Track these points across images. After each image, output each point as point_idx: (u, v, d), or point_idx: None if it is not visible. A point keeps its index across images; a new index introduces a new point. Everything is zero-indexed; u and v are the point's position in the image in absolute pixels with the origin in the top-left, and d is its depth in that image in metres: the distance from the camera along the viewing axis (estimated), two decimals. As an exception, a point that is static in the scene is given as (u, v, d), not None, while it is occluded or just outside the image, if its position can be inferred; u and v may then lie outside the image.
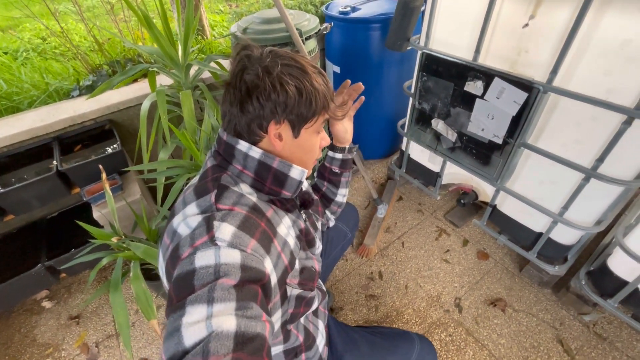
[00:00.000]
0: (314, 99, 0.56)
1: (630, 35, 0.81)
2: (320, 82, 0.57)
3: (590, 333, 1.22)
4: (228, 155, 0.60)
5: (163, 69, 1.34)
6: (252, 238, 0.50)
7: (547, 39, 0.96)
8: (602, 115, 0.92)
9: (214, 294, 0.41)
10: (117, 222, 1.13)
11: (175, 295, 0.43)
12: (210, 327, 0.39)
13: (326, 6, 1.75)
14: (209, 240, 0.47)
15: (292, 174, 0.61)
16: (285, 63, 0.56)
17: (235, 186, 0.57)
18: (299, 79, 0.55)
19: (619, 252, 1.09)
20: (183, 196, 0.58)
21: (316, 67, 0.59)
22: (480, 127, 1.23)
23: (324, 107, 0.59)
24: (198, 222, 0.50)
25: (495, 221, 1.44)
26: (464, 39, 1.17)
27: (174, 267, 0.47)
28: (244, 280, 0.45)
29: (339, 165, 0.91)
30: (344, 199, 0.96)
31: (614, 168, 0.97)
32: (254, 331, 0.41)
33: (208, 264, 0.44)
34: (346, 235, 1.11)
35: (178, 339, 0.38)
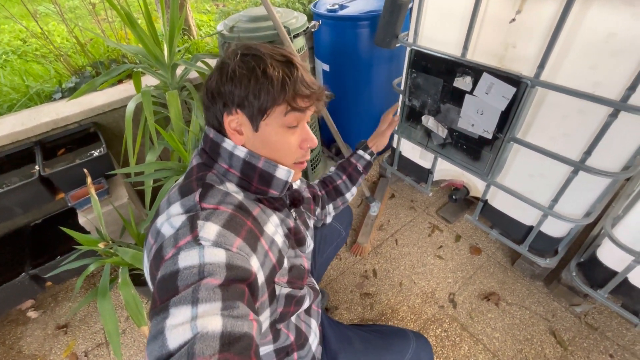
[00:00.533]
0: (264, 88, 0.52)
1: (614, 29, 0.82)
2: (278, 70, 0.53)
3: (582, 324, 1.23)
4: (214, 154, 0.59)
5: (148, 69, 1.30)
6: (237, 237, 0.49)
7: (534, 34, 0.96)
8: (589, 109, 0.94)
9: (199, 295, 0.40)
10: (103, 228, 1.10)
11: (159, 297, 0.42)
12: (195, 328, 0.38)
13: (314, 4, 1.74)
14: (192, 240, 0.46)
15: (277, 174, 0.59)
16: (243, 53, 0.55)
17: (221, 185, 0.56)
18: (249, 68, 0.53)
19: (608, 243, 1.10)
20: (168, 195, 0.56)
21: (284, 56, 0.56)
22: (470, 123, 1.23)
23: (283, 97, 0.53)
24: (182, 222, 0.49)
25: (487, 216, 1.45)
26: (452, 35, 1.17)
27: (157, 268, 0.46)
28: (230, 279, 0.44)
29: (363, 166, 0.97)
30: (351, 197, 1.00)
31: (601, 160, 0.98)
32: (241, 331, 0.40)
33: (192, 264, 0.43)
34: (340, 234, 1.10)
35: (162, 341, 0.37)
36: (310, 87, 0.56)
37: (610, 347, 1.16)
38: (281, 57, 0.55)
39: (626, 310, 1.13)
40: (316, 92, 0.57)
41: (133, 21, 1.06)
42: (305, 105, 0.56)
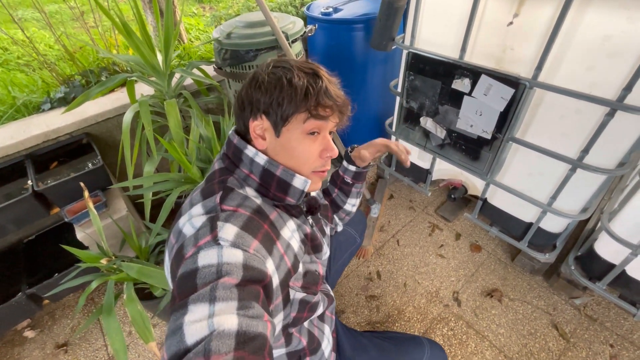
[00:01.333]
0: (288, 96, 0.55)
1: (610, 31, 0.84)
2: (303, 80, 0.55)
3: (582, 316, 1.27)
4: (236, 159, 0.61)
5: (143, 77, 1.27)
6: (254, 239, 0.51)
7: (532, 36, 0.98)
8: (586, 108, 0.96)
9: (216, 293, 0.42)
10: (105, 242, 1.07)
11: (178, 294, 0.44)
12: (212, 325, 0.39)
13: (307, 7, 1.74)
14: (212, 240, 0.47)
15: (294, 183, 0.60)
16: (275, 65, 0.58)
17: (241, 189, 0.58)
18: (277, 76, 0.56)
19: (605, 236, 1.14)
20: (190, 197, 0.59)
21: (312, 68, 0.58)
22: (469, 124, 1.25)
23: (305, 105, 0.56)
24: (202, 222, 0.51)
25: (486, 214, 1.48)
26: (449, 37, 1.18)
27: (178, 266, 0.48)
28: (246, 279, 0.45)
29: (351, 177, 0.89)
30: (353, 208, 0.95)
31: (598, 158, 1.01)
32: (256, 330, 0.41)
33: (210, 263, 0.45)
34: (355, 240, 1.11)
35: (180, 337, 0.38)
36: (333, 98, 0.58)
37: (610, 337, 1.20)
38: (309, 69, 0.58)
39: (624, 301, 1.17)
40: (338, 104, 0.59)
41: (129, 30, 1.04)
42: (325, 114, 0.58)
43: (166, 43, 1.16)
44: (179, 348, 0.38)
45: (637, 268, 1.08)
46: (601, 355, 1.16)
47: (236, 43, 1.25)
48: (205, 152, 1.11)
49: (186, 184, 1.05)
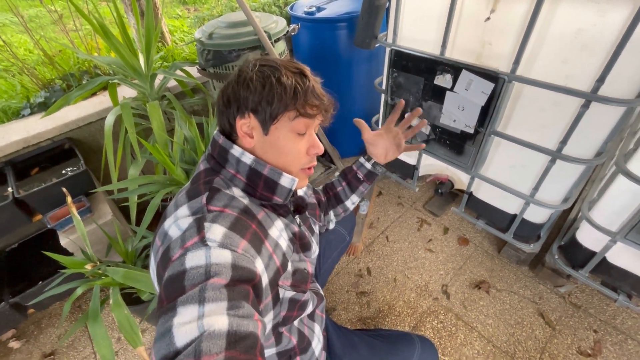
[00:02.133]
0: (278, 94, 0.55)
1: (582, 25, 0.87)
2: (292, 79, 0.56)
3: (567, 303, 1.30)
4: (222, 159, 0.60)
5: (125, 80, 1.26)
6: (242, 239, 0.51)
7: (508, 32, 1.00)
8: (563, 100, 0.99)
9: (205, 294, 0.41)
10: (89, 248, 1.05)
11: (166, 296, 0.43)
12: (201, 327, 0.39)
13: (290, 7, 1.74)
14: (199, 241, 0.47)
15: (282, 182, 0.61)
16: (261, 64, 0.58)
17: (227, 189, 0.58)
18: (264, 74, 0.56)
19: (586, 225, 1.17)
20: (175, 199, 0.58)
21: (298, 68, 0.59)
22: (452, 119, 1.27)
23: (294, 104, 0.57)
24: (189, 224, 0.50)
25: (472, 207, 1.50)
26: (430, 34, 1.20)
27: (164, 268, 0.47)
28: (235, 279, 0.45)
29: (364, 174, 0.91)
30: (352, 205, 0.97)
31: (576, 148, 1.04)
32: (246, 330, 0.41)
33: (199, 264, 0.44)
34: (345, 239, 1.11)
35: (169, 339, 0.38)
36: (319, 97, 0.59)
37: (593, 322, 1.24)
38: (295, 69, 0.58)
39: (606, 287, 1.20)
40: (325, 103, 0.60)
41: (108, 32, 1.02)
42: (313, 113, 0.59)
43: (147, 44, 1.15)
44: (169, 351, 0.38)
45: (617, 255, 1.12)
46: (585, 340, 1.19)
47: (218, 43, 1.24)
48: (189, 154, 1.10)
49: (171, 185, 1.05)
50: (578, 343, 1.18)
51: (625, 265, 1.11)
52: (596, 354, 1.15)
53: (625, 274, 1.12)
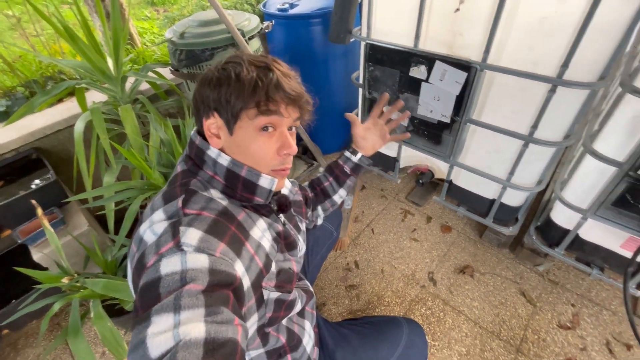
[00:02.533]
0: (235, 91, 0.53)
1: (545, 13, 0.91)
2: (252, 74, 0.53)
3: (545, 281, 1.36)
4: (199, 160, 0.59)
5: (93, 84, 1.21)
6: (220, 242, 0.49)
7: (477, 22, 1.03)
8: (532, 86, 1.03)
9: (181, 301, 0.40)
10: (64, 260, 1.01)
11: (141, 305, 0.42)
12: (177, 336, 0.37)
13: (263, 4, 1.72)
14: (174, 246, 0.46)
15: (261, 183, 0.59)
16: (225, 61, 0.57)
17: (205, 191, 0.56)
18: (226, 71, 0.54)
19: (559, 205, 1.22)
20: (152, 202, 0.56)
21: (264, 62, 0.56)
22: (429, 109, 1.30)
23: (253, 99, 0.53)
24: (164, 229, 0.48)
25: (453, 195, 1.54)
26: (403, 26, 1.22)
27: (139, 276, 0.46)
28: (213, 284, 0.44)
29: (351, 168, 0.91)
30: (340, 199, 0.96)
31: (546, 132, 1.09)
32: (225, 336, 0.40)
33: (174, 270, 0.43)
34: (332, 234, 1.11)
35: (143, 351, 0.37)
36: (286, 92, 0.55)
37: (571, 297, 1.30)
38: (260, 62, 0.55)
39: (580, 262, 1.27)
40: (292, 98, 0.56)
41: (72, 34, 0.97)
42: (276, 109, 0.55)
43: (115, 45, 1.10)
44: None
45: (588, 231, 1.18)
46: (565, 314, 1.25)
47: (191, 43, 1.21)
48: (166, 157, 1.07)
49: (149, 190, 1.01)
50: (558, 317, 1.24)
51: (597, 240, 1.17)
52: (575, 326, 1.21)
53: (597, 248, 1.18)
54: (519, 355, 1.15)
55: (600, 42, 0.88)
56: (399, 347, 0.86)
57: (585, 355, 1.13)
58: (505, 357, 1.15)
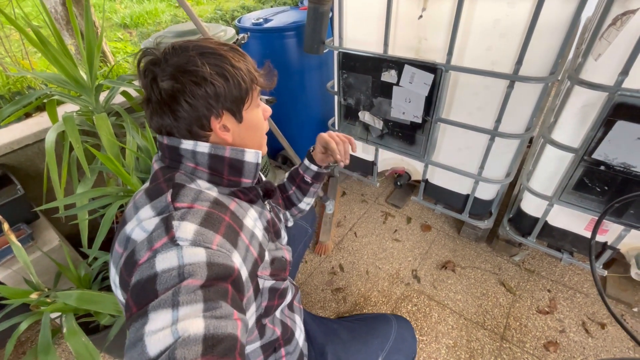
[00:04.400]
0: (240, 78, 0.54)
1: (498, 16, 1.01)
2: (238, 59, 0.55)
3: (522, 270, 1.42)
4: (175, 156, 0.56)
5: (66, 95, 1.18)
6: (216, 234, 0.48)
7: (439, 27, 1.13)
8: (493, 84, 1.12)
9: (179, 298, 0.39)
10: (34, 276, 0.95)
11: (136, 303, 0.40)
12: (176, 333, 0.37)
13: (238, 20, 1.77)
14: (169, 241, 0.44)
15: (247, 159, 0.60)
16: (197, 54, 0.52)
17: (192, 183, 0.55)
18: (218, 65, 0.52)
19: (527, 195, 1.30)
20: (133, 202, 0.53)
21: (228, 45, 0.57)
22: (401, 111, 1.37)
23: (252, 81, 0.57)
24: (155, 224, 0.47)
25: (430, 194, 1.60)
26: (372, 35, 1.30)
27: (130, 274, 0.44)
28: (211, 278, 0.43)
29: (311, 176, 0.89)
30: (307, 207, 0.95)
31: (509, 126, 1.17)
32: (224, 332, 0.39)
33: (171, 266, 0.42)
34: (307, 231, 1.12)
35: (141, 349, 0.36)
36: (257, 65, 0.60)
37: (546, 283, 1.36)
38: (226, 46, 0.56)
39: (551, 248, 1.34)
40: (266, 69, 0.61)
41: (44, 40, 0.96)
42: (267, 81, 0.60)
43: (89, 54, 1.09)
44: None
45: (555, 217, 1.25)
46: (542, 300, 1.30)
47: (167, 52, 1.23)
48: (145, 162, 1.05)
49: (126, 197, 0.99)
50: (536, 303, 1.29)
51: (564, 225, 1.25)
52: (552, 310, 1.26)
53: (565, 233, 1.26)
54: (503, 343, 1.17)
55: (547, 40, 0.98)
56: (389, 341, 0.87)
57: (565, 336, 1.18)
58: (491, 345, 1.17)
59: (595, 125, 0.96)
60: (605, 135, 0.96)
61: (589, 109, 1.00)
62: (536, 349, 1.15)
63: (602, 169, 1.02)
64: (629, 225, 1.05)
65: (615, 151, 0.97)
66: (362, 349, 0.85)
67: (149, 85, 0.52)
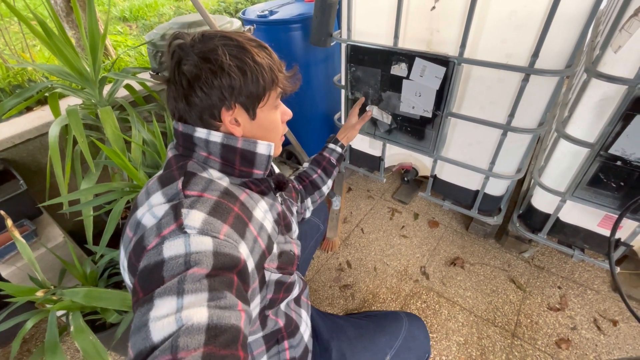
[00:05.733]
0: (260, 75, 0.54)
1: (515, 7, 0.98)
2: (263, 56, 0.55)
3: (532, 266, 1.41)
4: (189, 144, 0.57)
5: (69, 88, 1.15)
6: (224, 223, 0.48)
7: (453, 18, 1.10)
8: (507, 77, 1.09)
9: (185, 286, 0.40)
10: (39, 273, 0.93)
11: (142, 288, 0.42)
12: (180, 320, 0.37)
13: (242, 12, 1.74)
14: (177, 229, 0.45)
15: (259, 150, 0.59)
16: (222, 44, 0.53)
17: (204, 172, 0.55)
18: (239, 58, 0.53)
19: (539, 191, 1.28)
20: (146, 187, 0.54)
21: (256, 41, 0.57)
22: (411, 106, 1.34)
23: (273, 81, 0.57)
24: (165, 211, 0.47)
25: (438, 190, 1.58)
26: (382, 27, 1.27)
27: (138, 259, 0.44)
28: (217, 268, 0.43)
29: (336, 159, 0.99)
30: (327, 190, 1.01)
31: (522, 121, 1.15)
32: (228, 322, 0.40)
33: (178, 253, 0.43)
34: (319, 228, 1.11)
35: (145, 334, 0.37)
36: (285, 69, 0.60)
37: (557, 280, 1.35)
38: (255, 43, 0.56)
39: (562, 245, 1.32)
40: (295, 73, 0.62)
41: (48, 31, 0.93)
42: (290, 85, 0.60)
43: (93, 45, 1.06)
44: (145, 346, 0.36)
45: (567, 213, 1.24)
46: (553, 297, 1.29)
47: (173, 44, 1.20)
48: (151, 156, 1.03)
49: (134, 191, 0.96)
50: (547, 300, 1.28)
51: (576, 222, 1.23)
52: (563, 307, 1.25)
53: (577, 229, 1.24)
54: (515, 340, 1.16)
55: (565, 33, 0.96)
56: (399, 339, 0.85)
57: (576, 333, 1.16)
58: (502, 342, 1.16)
59: (613, 119, 0.94)
60: (623, 130, 0.94)
61: (607, 102, 0.97)
62: (548, 346, 1.14)
63: (619, 164, 1.00)
64: (645, 221, 1.04)
65: (633, 146, 0.95)
66: (368, 346, 0.83)
67: (174, 68, 0.54)
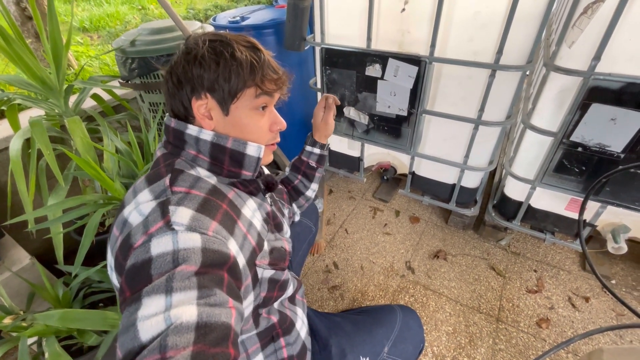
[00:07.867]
0: (234, 70, 0.53)
1: (478, 7, 1.04)
2: (246, 54, 0.54)
3: (509, 253, 1.48)
4: (179, 142, 0.56)
5: (30, 98, 1.08)
6: (212, 220, 0.48)
7: (422, 19, 1.15)
8: (475, 74, 1.15)
9: (173, 284, 0.39)
10: (6, 299, 0.85)
11: (130, 287, 0.40)
12: (168, 319, 0.36)
13: (213, 18, 1.72)
14: (164, 226, 0.44)
15: (248, 152, 0.58)
16: (209, 39, 0.54)
17: (192, 170, 0.54)
18: (217, 51, 0.53)
19: (510, 180, 1.36)
20: (133, 186, 0.53)
21: (250, 41, 0.57)
22: (387, 105, 1.38)
23: (252, 80, 0.54)
24: (152, 208, 0.46)
25: (417, 186, 1.63)
26: (355, 29, 1.30)
27: (125, 258, 0.43)
28: (206, 265, 0.42)
29: (316, 160, 0.91)
30: (313, 193, 0.95)
31: (491, 114, 1.21)
32: (218, 320, 0.39)
33: (165, 250, 0.42)
34: (311, 230, 1.10)
35: (134, 333, 0.36)
36: (276, 71, 0.57)
37: (532, 264, 1.42)
38: (247, 42, 0.56)
39: (534, 230, 1.40)
40: (282, 77, 0.58)
41: (7, 37, 0.87)
42: (272, 88, 0.57)
43: (55, 52, 1.00)
44: (133, 345, 0.35)
45: (537, 199, 1.31)
46: (530, 280, 1.35)
47: (144, 50, 1.16)
48: (127, 165, 0.98)
49: (110, 204, 0.91)
50: (525, 284, 1.34)
51: (546, 207, 1.31)
52: (540, 289, 1.32)
53: (547, 214, 1.32)
54: (499, 324, 1.21)
55: (524, 30, 1.03)
56: (395, 331, 0.86)
57: (554, 312, 1.23)
58: (488, 328, 1.20)
59: (572, 109, 1.02)
60: (581, 118, 1.02)
61: (565, 93, 1.05)
62: (530, 327, 1.19)
63: (580, 150, 1.08)
64: (606, 202, 1.12)
65: (591, 133, 1.03)
66: (367, 339, 0.84)
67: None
